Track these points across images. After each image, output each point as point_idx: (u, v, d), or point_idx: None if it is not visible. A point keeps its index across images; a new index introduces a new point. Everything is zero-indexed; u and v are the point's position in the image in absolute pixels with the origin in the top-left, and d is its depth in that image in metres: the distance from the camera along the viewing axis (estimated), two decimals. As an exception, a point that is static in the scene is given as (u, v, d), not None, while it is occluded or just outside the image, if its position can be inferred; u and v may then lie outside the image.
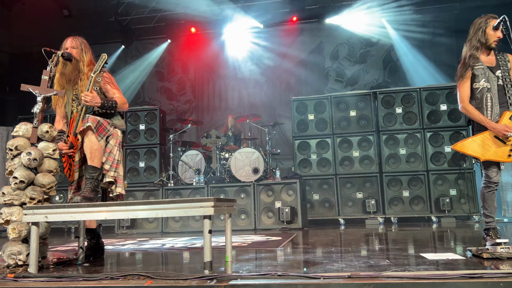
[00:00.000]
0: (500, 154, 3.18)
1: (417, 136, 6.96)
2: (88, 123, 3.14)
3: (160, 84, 10.67)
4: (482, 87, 3.27)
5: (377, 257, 3.08)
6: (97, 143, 3.18)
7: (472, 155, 3.29)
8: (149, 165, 7.57)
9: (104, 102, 3.32)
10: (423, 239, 4.36)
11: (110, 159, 3.28)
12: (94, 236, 3.53)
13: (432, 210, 6.63)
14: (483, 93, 3.27)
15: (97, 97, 3.26)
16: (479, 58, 3.31)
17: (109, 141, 3.33)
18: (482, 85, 3.27)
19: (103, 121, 3.28)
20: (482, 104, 3.27)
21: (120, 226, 6.53)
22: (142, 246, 4.57)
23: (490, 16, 3.30)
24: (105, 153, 3.27)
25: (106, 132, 3.29)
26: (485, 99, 3.27)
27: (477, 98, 3.31)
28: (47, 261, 3.01)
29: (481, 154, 3.22)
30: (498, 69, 3.29)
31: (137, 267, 3.04)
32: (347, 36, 9.71)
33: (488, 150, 3.21)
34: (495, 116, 3.24)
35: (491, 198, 3.30)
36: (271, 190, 6.41)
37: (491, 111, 3.24)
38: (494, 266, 2.46)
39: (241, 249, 3.89)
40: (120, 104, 3.44)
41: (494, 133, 3.19)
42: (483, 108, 3.26)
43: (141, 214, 2.65)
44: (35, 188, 2.95)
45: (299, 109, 7.48)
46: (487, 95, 3.26)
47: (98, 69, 3.30)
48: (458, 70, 3.39)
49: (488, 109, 3.25)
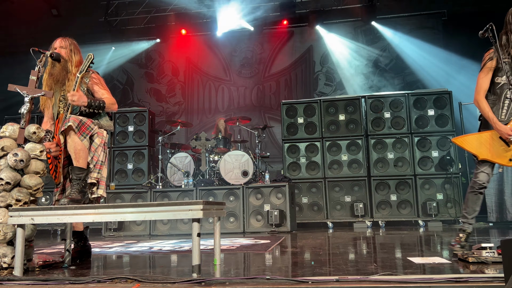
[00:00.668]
0: (501, 156, 3.09)
1: (405, 141, 7.03)
2: (69, 122, 3.08)
3: (149, 85, 10.62)
4: (504, 83, 3.11)
5: (364, 260, 3.10)
6: (80, 143, 3.12)
7: (471, 151, 3.18)
8: (137, 167, 7.52)
9: (91, 101, 3.26)
10: (410, 243, 4.40)
11: (95, 158, 3.24)
12: (81, 238, 3.49)
13: (419, 214, 6.70)
14: (503, 89, 3.12)
15: (83, 96, 3.22)
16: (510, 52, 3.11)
17: (94, 140, 3.27)
18: (504, 80, 3.10)
19: (86, 120, 3.22)
20: (499, 101, 3.13)
21: (108, 229, 6.47)
22: (130, 248, 4.53)
23: None
24: (90, 152, 3.22)
25: (89, 131, 3.21)
26: (504, 95, 3.12)
27: (496, 93, 3.16)
28: (33, 264, 2.96)
29: (480, 152, 3.14)
30: None
31: (124, 270, 3.01)
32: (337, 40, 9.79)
33: (488, 150, 3.11)
34: (510, 115, 3.10)
35: (472, 200, 3.24)
36: (260, 193, 6.42)
37: (507, 110, 3.11)
38: (479, 270, 2.49)
39: (229, 252, 3.88)
40: (108, 104, 3.37)
41: (499, 134, 3.07)
42: (499, 105, 3.13)
43: (129, 216, 2.63)
44: (21, 189, 2.91)
45: (289, 113, 7.51)
46: (508, 92, 3.09)
47: (84, 69, 3.26)
48: (484, 60, 3.21)
49: (505, 107, 3.11)
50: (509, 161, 3.08)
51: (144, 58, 10.66)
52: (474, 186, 3.22)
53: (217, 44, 10.27)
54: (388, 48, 9.63)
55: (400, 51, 9.52)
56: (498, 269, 2.46)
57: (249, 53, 10.19)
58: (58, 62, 3.38)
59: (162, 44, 10.44)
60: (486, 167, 3.17)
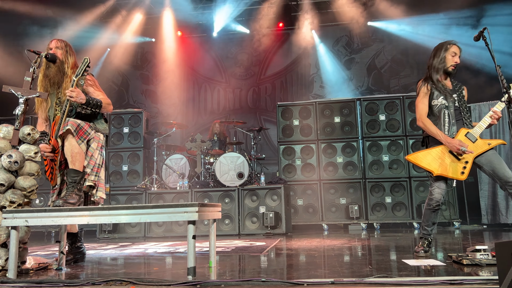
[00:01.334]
0: (453, 170, 3.26)
1: (399, 143, 7.06)
2: (67, 126, 3.09)
3: (145, 87, 10.59)
4: (440, 104, 3.38)
5: (359, 263, 3.11)
6: (78, 146, 3.13)
7: (425, 168, 3.34)
8: (132, 169, 7.49)
9: (89, 99, 3.27)
10: (405, 245, 4.41)
11: (92, 162, 3.25)
12: (75, 240, 3.47)
13: (414, 216, 6.73)
14: (440, 109, 3.38)
15: (82, 94, 3.22)
16: (438, 80, 3.44)
17: (91, 145, 3.28)
18: (440, 102, 3.38)
19: (84, 124, 3.23)
20: (440, 120, 3.38)
21: (102, 231, 6.44)
22: (125, 251, 4.52)
23: (450, 42, 3.45)
24: (87, 157, 3.23)
25: (87, 135, 3.23)
26: (442, 115, 3.37)
27: (435, 115, 3.41)
28: (27, 266, 2.95)
29: (435, 168, 3.30)
30: (454, 93, 3.44)
31: (119, 272, 3.00)
32: (332, 43, 9.83)
33: (441, 165, 3.29)
34: (452, 132, 3.34)
35: (429, 215, 3.42)
36: (256, 195, 6.42)
37: (448, 127, 3.34)
38: (473, 272, 2.51)
39: (225, 254, 3.87)
40: (105, 104, 3.39)
41: (449, 148, 3.27)
42: (441, 124, 3.37)
43: (124, 218, 2.62)
44: (15, 191, 2.89)
45: (285, 115, 7.52)
46: (445, 111, 3.37)
47: (80, 72, 3.25)
48: (418, 87, 3.52)
49: (446, 125, 3.35)
50: (461, 174, 3.27)
51: (140, 60, 10.63)
52: (431, 204, 3.39)
53: (212, 46, 10.28)
54: (382, 51, 9.67)
55: (395, 53, 9.57)
56: (493, 271, 2.47)
57: (245, 55, 10.20)
58: (54, 63, 3.36)
59: (158, 46, 10.42)
60: (440, 183, 3.35)
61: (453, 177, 3.28)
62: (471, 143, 3.26)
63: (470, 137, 3.28)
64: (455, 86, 3.49)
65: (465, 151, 3.19)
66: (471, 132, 3.28)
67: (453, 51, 3.40)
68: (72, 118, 3.21)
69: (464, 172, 3.25)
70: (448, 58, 3.40)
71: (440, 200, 3.34)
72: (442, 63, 3.41)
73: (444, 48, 3.43)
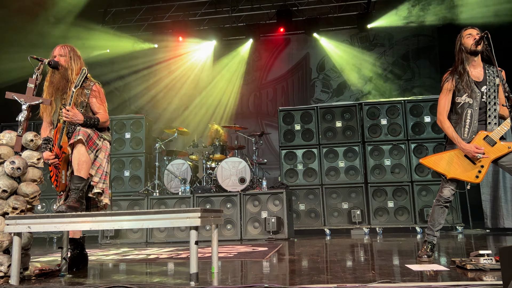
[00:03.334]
0: (468, 174, 3.22)
1: (401, 147, 7.06)
2: (79, 136, 3.12)
3: (146, 92, 10.62)
4: (464, 102, 3.28)
5: (362, 268, 3.09)
6: (86, 155, 3.16)
7: (439, 171, 3.31)
8: (134, 174, 7.50)
9: (86, 120, 3.28)
10: (407, 250, 4.40)
11: (100, 171, 3.28)
12: (77, 246, 3.47)
13: (417, 220, 6.71)
14: (464, 108, 3.27)
15: (78, 114, 3.22)
16: (466, 72, 3.30)
17: (98, 155, 3.32)
18: (464, 100, 3.28)
19: (93, 135, 3.27)
20: (461, 120, 3.28)
21: (104, 236, 6.43)
22: (127, 256, 4.51)
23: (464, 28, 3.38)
24: (94, 167, 3.26)
25: (96, 146, 3.29)
26: (464, 115, 3.27)
27: (457, 113, 3.32)
28: (29, 273, 2.94)
29: (448, 171, 3.27)
30: (484, 84, 3.28)
31: (121, 278, 3.00)
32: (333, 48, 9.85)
33: (456, 168, 3.25)
34: (471, 134, 3.24)
35: (438, 213, 3.39)
36: (258, 200, 6.41)
37: (468, 129, 3.25)
38: (477, 277, 2.49)
39: (227, 260, 3.86)
40: (101, 122, 3.41)
41: (464, 153, 3.21)
42: (461, 125, 3.27)
43: (126, 224, 2.62)
44: (18, 197, 2.89)
45: (286, 119, 7.52)
46: (468, 111, 3.26)
47: (78, 84, 3.25)
48: (443, 80, 3.42)
49: (466, 126, 3.26)
50: (475, 177, 3.22)
51: (142, 65, 10.66)
52: (440, 200, 3.37)
53: (214, 50, 10.30)
54: (384, 55, 9.68)
55: (396, 58, 9.59)
56: (496, 276, 2.46)
57: (246, 59, 10.22)
58: (57, 70, 3.38)
59: (160, 51, 10.46)
60: (452, 183, 3.31)
61: (468, 180, 3.24)
62: (489, 146, 3.17)
63: (488, 141, 3.18)
64: (487, 74, 3.30)
65: (480, 158, 3.14)
66: (490, 136, 3.18)
67: (467, 34, 3.30)
68: (82, 128, 3.22)
69: (479, 176, 3.20)
70: (466, 41, 3.29)
71: (449, 198, 3.32)
72: (463, 49, 3.30)
73: (459, 36, 3.37)
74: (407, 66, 9.55)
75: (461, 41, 3.35)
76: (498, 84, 3.25)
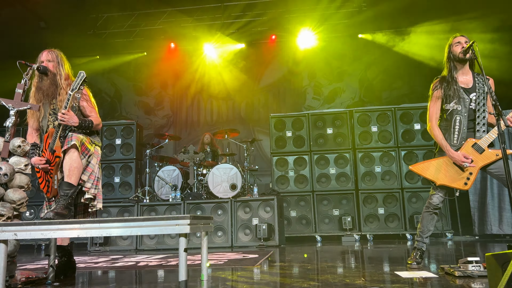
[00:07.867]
0: (457, 181, 3.26)
1: (392, 154, 7.10)
2: (72, 141, 3.09)
3: (137, 98, 10.58)
4: (452, 109, 3.31)
5: (353, 275, 3.09)
6: (79, 161, 3.13)
7: (428, 178, 3.36)
8: (124, 181, 7.45)
9: (81, 122, 3.28)
10: (397, 256, 4.41)
11: (92, 177, 3.25)
12: (65, 253, 3.42)
13: (407, 227, 6.74)
14: (452, 115, 3.31)
15: (74, 117, 3.21)
16: (454, 79, 3.34)
17: (91, 161, 3.29)
18: (452, 106, 3.31)
19: (85, 140, 3.25)
20: (450, 127, 3.32)
21: (93, 243, 6.37)
22: (116, 264, 4.46)
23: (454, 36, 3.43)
24: (87, 172, 3.23)
25: (88, 151, 3.26)
26: (453, 121, 3.31)
27: (447, 120, 3.35)
28: (15, 281, 2.90)
29: (437, 178, 3.32)
30: (473, 91, 3.31)
31: (110, 286, 2.96)
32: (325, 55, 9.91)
33: (445, 175, 3.29)
34: (461, 140, 3.28)
35: (427, 219, 3.44)
36: (249, 206, 6.39)
37: (458, 135, 3.29)
38: (466, 284, 2.51)
39: (217, 267, 3.84)
40: (95, 124, 3.42)
41: (453, 160, 3.26)
42: (451, 131, 3.31)
43: (115, 231, 2.60)
44: (4, 204, 2.86)
45: (277, 126, 7.54)
46: (457, 117, 3.29)
47: (76, 87, 3.23)
48: (432, 87, 3.46)
49: (456, 132, 3.29)
50: (464, 185, 3.27)
51: (133, 71, 10.63)
52: (429, 207, 3.42)
53: (205, 57, 10.30)
54: (375, 63, 9.76)
55: (387, 65, 9.65)
56: (484, 283, 2.47)
57: (238, 66, 10.23)
58: (46, 76, 3.35)
59: (151, 57, 10.43)
60: (441, 190, 3.36)
61: (457, 187, 3.28)
62: (477, 154, 3.21)
63: (477, 148, 3.22)
64: (476, 81, 3.34)
65: (467, 167, 3.19)
66: (478, 143, 3.22)
67: (456, 42, 3.36)
68: (75, 134, 3.20)
69: (467, 183, 3.24)
70: (454, 49, 3.36)
71: (438, 205, 3.37)
72: (452, 57, 3.37)
73: (448, 45, 3.43)
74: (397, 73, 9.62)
75: (450, 48, 3.41)
76: (487, 92, 3.28)
